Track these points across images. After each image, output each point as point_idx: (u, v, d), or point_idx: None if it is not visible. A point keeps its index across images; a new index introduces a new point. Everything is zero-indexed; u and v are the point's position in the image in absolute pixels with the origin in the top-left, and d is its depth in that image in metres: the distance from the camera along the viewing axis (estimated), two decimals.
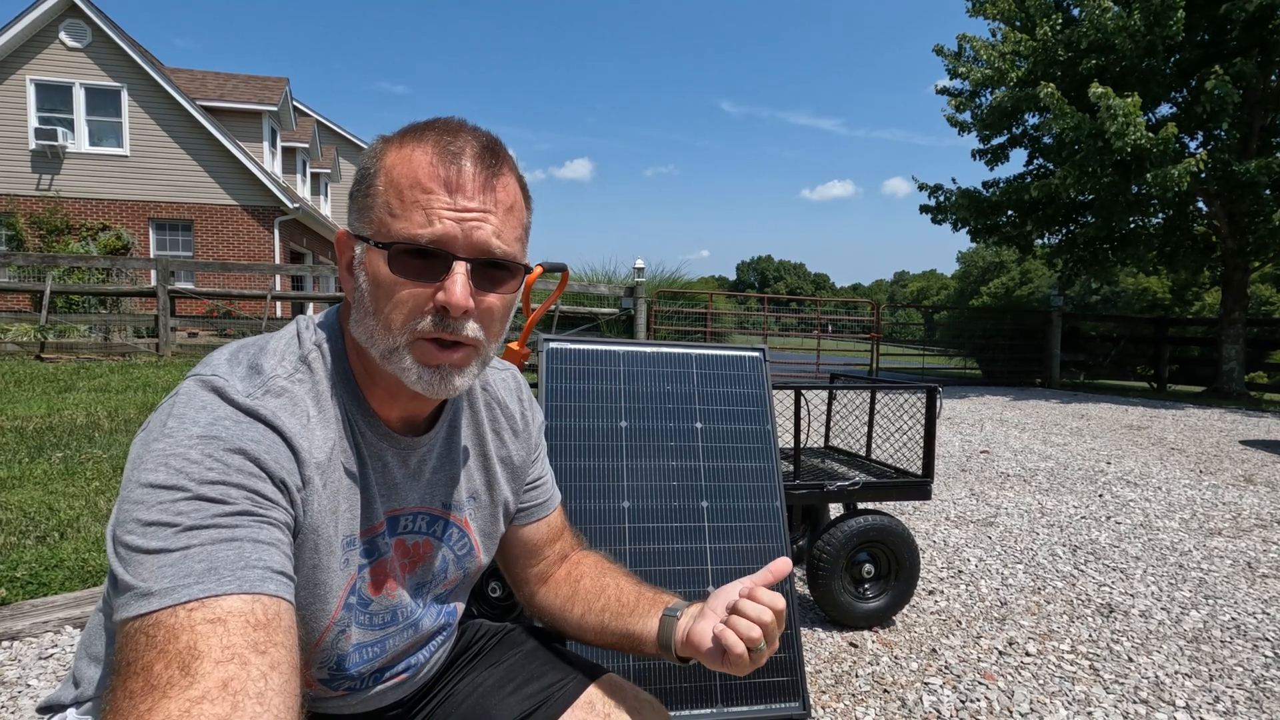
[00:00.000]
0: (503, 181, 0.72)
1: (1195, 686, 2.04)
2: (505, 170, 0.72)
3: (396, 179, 0.69)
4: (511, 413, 0.94)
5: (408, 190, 0.68)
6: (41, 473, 3.53)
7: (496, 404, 0.92)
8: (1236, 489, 4.69)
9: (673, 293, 13.22)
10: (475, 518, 0.90)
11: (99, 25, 14.63)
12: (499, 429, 0.92)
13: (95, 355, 9.31)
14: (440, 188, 0.68)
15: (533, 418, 0.97)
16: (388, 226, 0.69)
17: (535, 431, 0.97)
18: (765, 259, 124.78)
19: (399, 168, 0.69)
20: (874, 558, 2.33)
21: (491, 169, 0.70)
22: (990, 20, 11.31)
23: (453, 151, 0.69)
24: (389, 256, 0.69)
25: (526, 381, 1.01)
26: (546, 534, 0.99)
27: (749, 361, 2.03)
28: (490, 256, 0.70)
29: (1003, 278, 43.31)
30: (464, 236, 0.68)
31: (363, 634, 0.79)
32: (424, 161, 0.69)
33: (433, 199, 0.68)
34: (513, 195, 0.73)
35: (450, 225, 0.68)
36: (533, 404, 0.98)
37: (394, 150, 0.71)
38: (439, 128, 0.72)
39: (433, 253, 0.68)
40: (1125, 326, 14.97)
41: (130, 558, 0.57)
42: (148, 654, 0.52)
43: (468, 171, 0.69)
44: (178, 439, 0.61)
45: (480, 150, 0.71)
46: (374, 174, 0.71)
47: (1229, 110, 9.27)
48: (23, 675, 1.89)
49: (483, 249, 0.70)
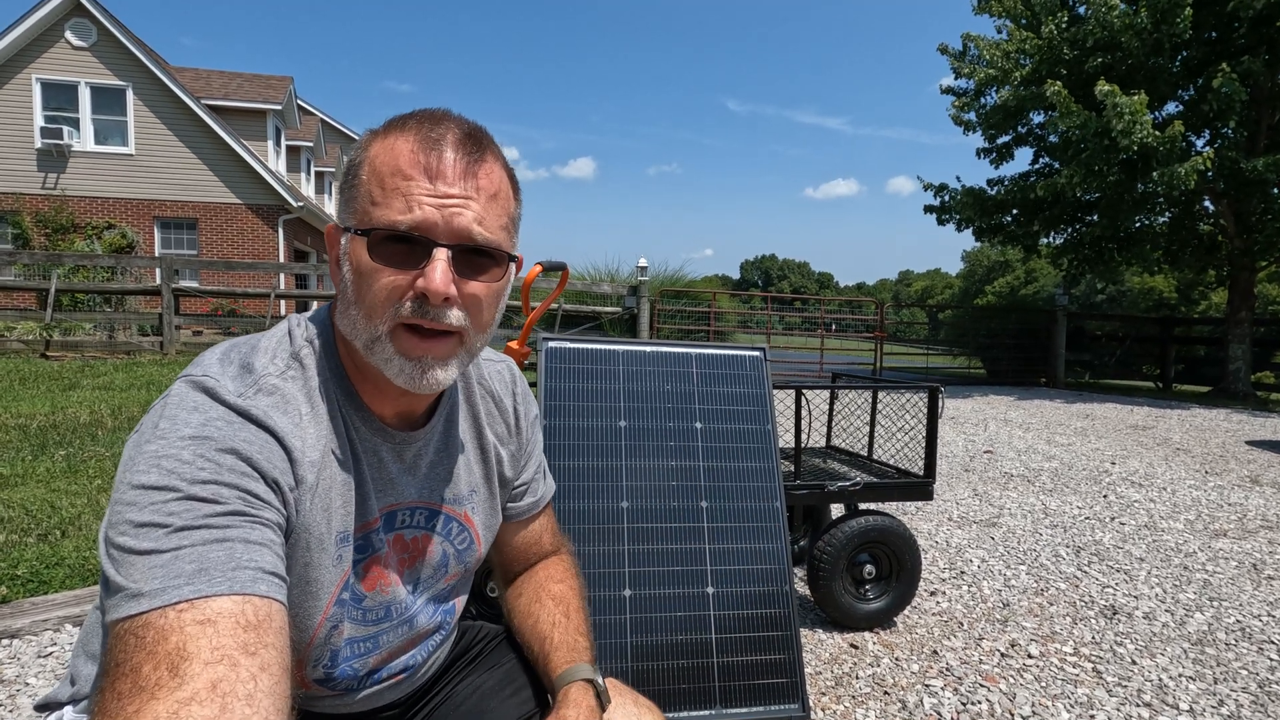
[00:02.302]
0: (485, 169, 0.71)
1: (1199, 689, 2.02)
2: (489, 157, 0.72)
3: (379, 167, 0.69)
4: (505, 407, 0.93)
5: (389, 178, 0.68)
6: (44, 470, 3.54)
7: (491, 396, 0.92)
8: (1242, 490, 4.66)
9: (676, 292, 13.20)
10: (476, 511, 0.89)
11: (104, 24, 14.67)
12: (494, 421, 0.92)
13: (100, 353, 9.34)
14: (421, 174, 0.68)
15: (524, 413, 0.96)
16: (369, 214, 0.69)
17: (528, 429, 0.96)
18: (769, 258, 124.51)
19: (381, 156, 0.69)
20: (875, 558, 2.31)
21: (473, 155, 0.70)
22: (996, 18, 11.27)
23: (434, 138, 0.69)
24: (369, 243, 0.68)
25: (523, 376, 1.00)
26: (523, 539, 0.99)
27: (749, 361, 2.02)
28: (472, 243, 0.70)
29: (1008, 277, 43.17)
30: (444, 223, 0.68)
31: (355, 629, 0.78)
32: (405, 149, 0.68)
33: (413, 185, 0.68)
34: (496, 183, 0.73)
35: (430, 211, 0.68)
36: (527, 398, 0.97)
37: (378, 140, 0.71)
38: (422, 117, 0.72)
39: (413, 239, 0.68)
40: (1131, 326, 14.91)
41: (121, 558, 0.56)
42: (137, 655, 0.52)
43: (449, 158, 0.69)
44: (170, 440, 0.60)
45: (462, 137, 0.70)
46: (358, 164, 0.71)
47: (1236, 108, 9.21)
48: (22, 673, 1.89)
49: (464, 235, 0.69)
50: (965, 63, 11.52)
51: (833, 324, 15.91)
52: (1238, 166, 9.43)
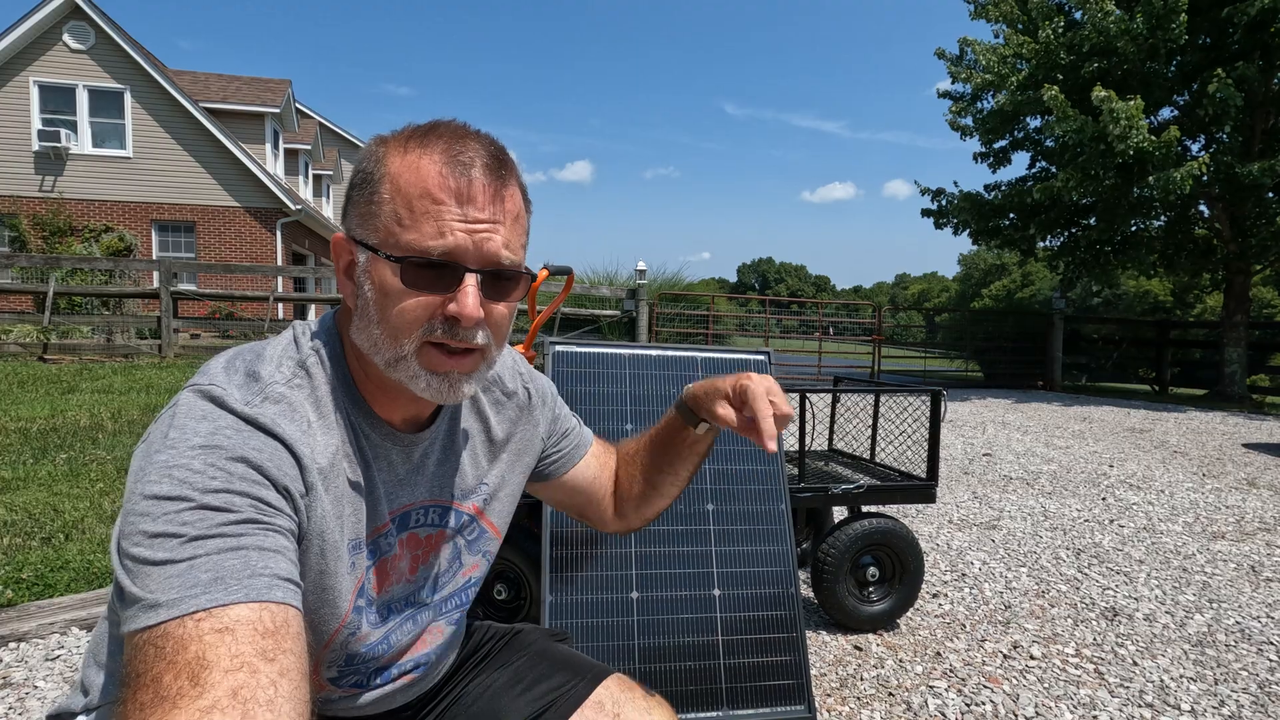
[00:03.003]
0: (510, 191, 0.72)
1: (1200, 690, 2.04)
2: (512, 180, 0.73)
3: (405, 188, 0.69)
4: (512, 390, 0.94)
5: (417, 200, 0.68)
6: (46, 474, 3.53)
7: (496, 384, 0.93)
8: (1239, 492, 4.68)
9: (674, 295, 13.22)
10: (488, 502, 0.90)
11: (102, 27, 14.66)
12: (502, 407, 0.93)
13: (98, 356, 9.32)
14: (451, 199, 0.68)
15: (536, 389, 0.97)
16: (396, 237, 0.68)
17: (549, 399, 0.99)
18: (766, 261, 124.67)
19: (406, 175, 0.69)
20: (878, 561, 2.33)
21: (500, 179, 0.71)
22: (993, 23, 11.33)
23: (463, 162, 0.69)
24: (400, 269, 0.68)
25: (522, 356, 1.02)
26: (596, 468, 1.05)
27: (754, 365, 2.04)
28: (499, 267, 0.71)
29: (1004, 280, 43.27)
30: (475, 249, 0.69)
31: (371, 631, 0.79)
32: (433, 171, 0.68)
33: (444, 210, 0.68)
34: (518, 204, 0.74)
35: (462, 238, 0.68)
36: (533, 375, 0.98)
37: (398, 156, 0.70)
38: (445, 134, 0.71)
39: (444, 264, 0.68)
40: (1127, 329, 14.97)
41: (136, 569, 0.57)
42: (156, 665, 0.52)
43: (479, 183, 0.69)
44: (179, 450, 0.61)
45: (489, 160, 0.71)
46: (378, 179, 0.70)
47: (1231, 113, 9.27)
48: (30, 676, 1.89)
49: (493, 260, 0.70)
50: (962, 67, 11.59)
51: (830, 327, 15.94)
52: (1233, 171, 9.49)
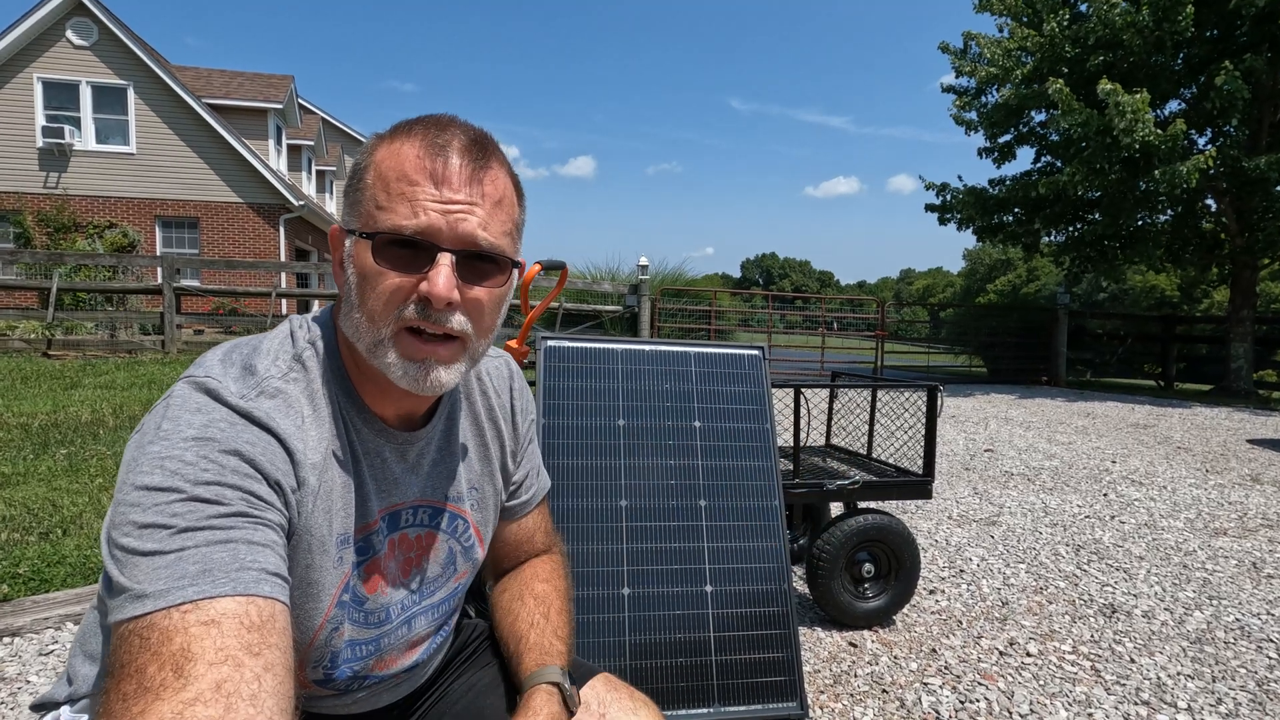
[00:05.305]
0: (490, 175, 0.72)
1: (1198, 688, 2.02)
2: (494, 164, 0.72)
3: (384, 172, 0.70)
4: (503, 403, 0.93)
5: (394, 182, 0.69)
6: (46, 469, 3.55)
7: (489, 393, 0.92)
8: (1243, 488, 4.65)
9: (677, 290, 13.20)
10: (476, 509, 0.90)
11: (105, 23, 14.68)
12: (495, 418, 0.92)
13: (101, 352, 9.35)
14: (426, 179, 0.68)
15: (520, 409, 0.96)
16: (374, 218, 0.69)
17: (524, 425, 0.96)
18: (770, 256, 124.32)
19: (387, 161, 0.70)
20: (874, 557, 2.32)
21: (478, 161, 0.71)
22: (997, 16, 11.24)
23: (439, 144, 0.70)
24: (374, 247, 0.69)
25: (521, 372, 1.01)
26: (515, 535, 0.99)
27: (748, 360, 2.02)
28: (476, 249, 0.70)
29: (1009, 275, 43.06)
30: (449, 228, 0.69)
31: (356, 631, 0.78)
32: (411, 154, 0.69)
33: (418, 190, 0.68)
34: (501, 189, 0.73)
35: (435, 217, 0.68)
36: (523, 394, 0.97)
37: (384, 145, 0.71)
38: (428, 122, 0.72)
39: (417, 243, 0.68)
40: (1132, 324, 14.88)
41: (125, 559, 0.57)
42: (141, 656, 0.52)
43: (454, 164, 0.69)
44: (172, 441, 0.61)
45: (467, 143, 0.71)
46: (364, 169, 0.72)
47: (1238, 106, 9.18)
48: (23, 671, 1.89)
49: (468, 241, 0.69)
50: (966, 61, 11.49)
51: (834, 323, 15.90)
52: (1240, 165, 9.41)
